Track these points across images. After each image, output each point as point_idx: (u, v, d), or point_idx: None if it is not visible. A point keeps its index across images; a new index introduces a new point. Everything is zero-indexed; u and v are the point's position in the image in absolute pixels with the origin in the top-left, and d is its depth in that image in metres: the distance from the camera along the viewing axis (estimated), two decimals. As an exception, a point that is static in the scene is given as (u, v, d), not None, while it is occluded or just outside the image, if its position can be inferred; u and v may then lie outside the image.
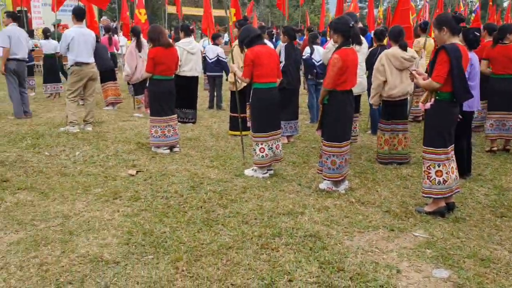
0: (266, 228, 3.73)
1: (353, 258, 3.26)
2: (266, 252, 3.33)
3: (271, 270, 3.08)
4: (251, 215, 4.01)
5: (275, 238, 3.56)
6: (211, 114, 8.98)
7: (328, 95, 4.40)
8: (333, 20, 4.72)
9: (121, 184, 4.74)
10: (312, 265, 3.14)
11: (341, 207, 4.23)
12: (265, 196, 4.50)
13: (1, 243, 3.40)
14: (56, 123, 7.48)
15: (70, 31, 6.96)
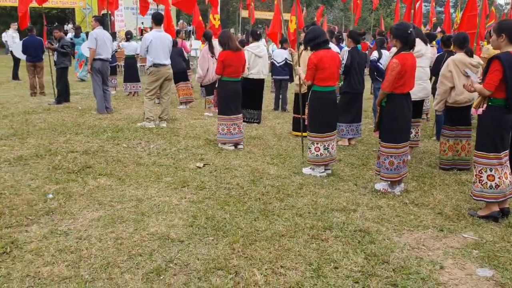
0: (318, 221, 3.97)
1: (399, 253, 3.43)
2: (316, 242, 3.58)
3: (319, 257, 3.32)
4: (305, 209, 4.27)
5: (326, 231, 3.79)
6: (275, 116, 9.30)
7: (386, 98, 4.56)
8: (393, 26, 4.87)
9: (189, 174, 5.18)
10: (358, 256, 3.35)
11: (394, 207, 4.37)
12: (320, 193, 4.73)
13: (85, 219, 3.91)
14: (134, 119, 8.16)
15: (149, 34, 7.58)
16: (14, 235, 3.55)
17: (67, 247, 3.39)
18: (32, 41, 10.94)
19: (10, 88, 12.65)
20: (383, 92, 4.52)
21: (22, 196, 4.35)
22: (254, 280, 3.00)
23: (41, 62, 11.11)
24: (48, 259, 3.20)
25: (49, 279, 2.95)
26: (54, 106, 9.46)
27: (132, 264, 3.17)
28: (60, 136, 6.74)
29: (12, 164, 5.34)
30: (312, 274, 3.09)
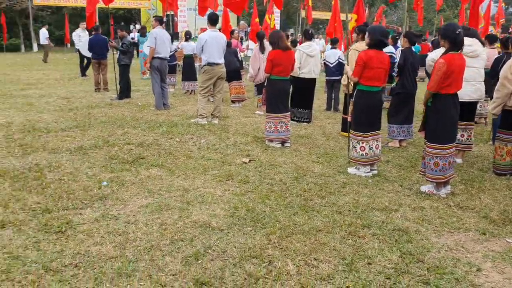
0: (357, 219, 4.00)
1: (435, 253, 3.40)
2: (352, 238, 3.62)
3: (354, 253, 3.37)
4: (346, 207, 4.31)
5: (364, 228, 3.82)
6: (327, 116, 9.31)
7: (431, 98, 4.50)
8: (442, 26, 4.78)
9: (235, 169, 5.35)
10: (393, 254, 3.36)
11: (437, 209, 4.31)
12: (363, 192, 4.74)
13: (134, 205, 4.17)
14: (188, 115, 8.47)
15: (204, 34, 7.84)
16: (69, 216, 3.86)
17: (116, 230, 3.64)
18: (97, 40, 11.58)
19: (77, 84, 13.45)
20: (429, 92, 4.47)
21: (79, 183, 4.69)
22: (287, 269, 3.10)
23: (105, 59, 11.74)
24: (98, 240, 3.46)
25: (97, 257, 3.20)
26: (115, 102, 9.99)
27: (173, 248, 3.36)
28: (118, 129, 7.14)
29: (72, 153, 5.74)
30: (344, 268, 3.15)
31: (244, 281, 2.96)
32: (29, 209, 3.99)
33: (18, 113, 8.32)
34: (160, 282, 2.91)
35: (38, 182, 4.64)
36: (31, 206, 4.04)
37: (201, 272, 3.04)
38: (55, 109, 8.85)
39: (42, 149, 5.85)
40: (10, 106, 9.04)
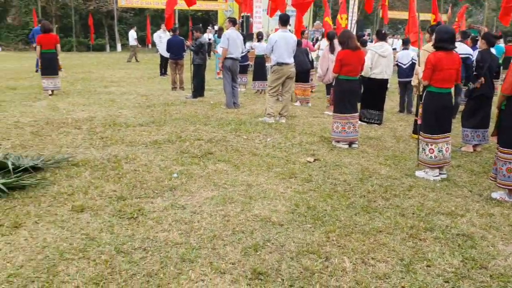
0: (420, 222, 3.93)
1: (501, 260, 3.28)
2: (413, 241, 3.57)
3: (413, 255, 3.33)
4: (410, 209, 4.24)
5: (426, 232, 3.75)
6: (399, 118, 9.10)
7: (506, 101, 4.31)
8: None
9: (299, 167, 5.42)
10: (455, 258, 3.28)
11: (508, 216, 4.12)
12: (430, 196, 4.63)
13: (200, 197, 4.38)
14: (257, 114, 8.66)
15: (274, 35, 7.98)
16: (141, 204, 4.14)
17: (182, 218, 3.86)
18: (175, 41, 12.12)
19: (156, 82, 14.15)
20: (503, 94, 4.28)
21: (152, 174, 5.00)
22: (343, 266, 3.14)
23: (182, 59, 12.25)
24: (165, 227, 3.70)
25: (164, 243, 3.42)
26: (190, 100, 10.42)
27: (234, 239, 3.51)
28: (190, 126, 7.46)
29: (147, 146, 6.11)
30: (402, 268, 3.13)
31: (300, 274, 3.04)
32: (106, 196, 4.33)
33: (101, 108, 8.95)
34: (220, 269, 3.07)
35: (115, 172, 5.01)
36: (107, 193, 4.38)
37: (259, 263, 3.16)
38: (134, 105, 9.41)
39: (121, 142, 6.28)
40: (94, 102, 9.73)
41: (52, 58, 10.21)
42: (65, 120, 7.56)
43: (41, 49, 10.10)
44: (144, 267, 3.07)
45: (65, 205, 4.06)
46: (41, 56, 10.20)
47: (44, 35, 10.14)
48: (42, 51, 10.10)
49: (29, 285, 2.82)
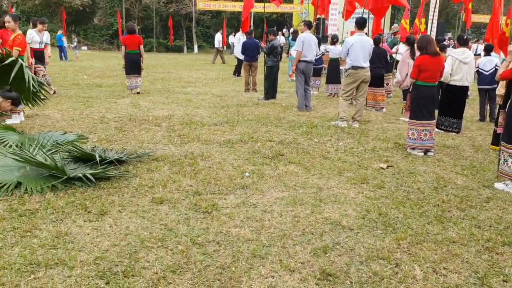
0: (498, 235, 3.78)
1: None
2: (489, 254, 3.45)
3: (488, 268, 3.22)
4: (487, 222, 4.08)
5: (504, 246, 3.60)
6: (479, 127, 8.70)
7: None
8: None
9: (371, 173, 5.38)
10: (535, 276, 3.13)
11: None
12: (509, 209, 4.42)
13: (271, 196, 4.49)
14: (329, 117, 8.65)
15: (351, 38, 7.94)
16: (215, 200, 4.32)
17: (253, 216, 3.99)
18: (250, 43, 12.38)
19: (229, 83, 14.52)
20: None
21: (226, 172, 5.18)
22: (413, 274, 3.10)
23: (256, 62, 12.48)
24: (238, 223, 3.84)
25: (236, 238, 3.56)
26: (262, 102, 10.61)
27: (304, 239, 3.58)
28: (262, 127, 7.62)
29: (221, 145, 6.32)
30: (475, 281, 3.04)
31: (369, 278, 3.05)
32: (183, 190, 4.56)
33: (179, 107, 9.35)
34: (289, 267, 3.15)
35: (192, 168, 5.25)
36: (184, 188, 4.61)
37: (328, 264, 3.20)
38: (209, 105, 9.74)
39: (197, 140, 6.56)
40: (172, 101, 10.19)
41: (136, 58, 10.80)
42: (146, 117, 8.00)
43: (125, 50, 10.71)
44: (217, 260, 3.22)
45: (146, 196, 4.33)
46: (126, 57, 10.82)
47: (128, 36, 10.75)
48: (127, 52, 10.71)
49: (113, 268, 3.06)
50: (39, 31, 9.96)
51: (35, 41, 9.84)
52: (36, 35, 9.88)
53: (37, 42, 9.91)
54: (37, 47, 9.91)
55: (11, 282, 2.83)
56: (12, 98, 6.57)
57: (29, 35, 9.73)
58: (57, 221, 3.73)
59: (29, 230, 3.53)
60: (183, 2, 33.90)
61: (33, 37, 9.80)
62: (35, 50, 9.72)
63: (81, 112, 8.31)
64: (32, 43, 9.67)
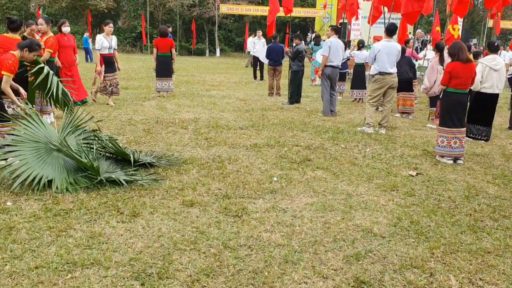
0: (535, 247, 3.70)
1: None
2: (527, 266, 3.38)
3: (526, 281, 3.15)
4: (523, 233, 4.00)
5: (543, 258, 3.52)
6: (508, 135, 8.53)
7: None
8: None
9: (400, 180, 5.32)
10: None
11: None
12: (545, 220, 4.33)
13: (300, 202, 4.48)
14: (355, 123, 8.59)
15: (378, 44, 7.88)
16: (245, 204, 4.33)
17: (284, 221, 3.98)
18: (275, 47, 12.38)
19: (253, 87, 14.55)
20: None
21: (253, 175, 5.19)
22: (448, 284, 3.06)
23: (280, 66, 12.48)
24: (268, 228, 3.84)
25: (267, 243, 3.56)
26: (286, 106, 10.60)
27: (335, 246, 3.56)
28: (288, 131, 7.61)
29: (248, 149, 6.34)
30: (514, 294, 2.98)
31: (403, 287, 3.01)
32: (212, 193, 4.58)
33: (204, 110, 9.41)
34: (322, 274, 3.13)
35: (220, 171, 5.28)
36: (213, 191, 4.63)
37: (361, 272, 3.17)
38: (234, 109, 9.78)
39: (223, 143, 6.58)
40: (197, 104, 10.26)
41: (167, 61, 10.84)
42: (172, 120, 8.07)
43: (157, 52, 10.79)
44: (250, 264, 3.23)
45: (176, 199, 4.37)
46: (157, 59, 10.85)
47: (160, 39, 10.82)
48: (158, 54, 10.77)
49: (147, 269, 3.09)
50: (106, 34, 9.28)
51: (104, 47, 9.22)
52: (105, 40, 9.20)
53: (106, 48, 9.25)
54: (106, 53, 9.30)
55: (49, 280, 2.88)
56: (26, 46, 6.42)
57: (98, 40, 9.22)
58: (91, 221, 3.79)
59: (64, 229, 3.59)
60: (206, 6, 34.16)
61: (102, 43, 9.18)
62: (104, 56, 9.27)
63: (109, 114, 8.43)
64: (101, 49, 9.20)
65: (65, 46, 8.57)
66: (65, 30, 8.73)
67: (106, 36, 9.23)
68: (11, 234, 3.48)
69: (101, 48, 9.17)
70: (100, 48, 9.16)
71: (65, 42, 8.58)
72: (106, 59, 9.28)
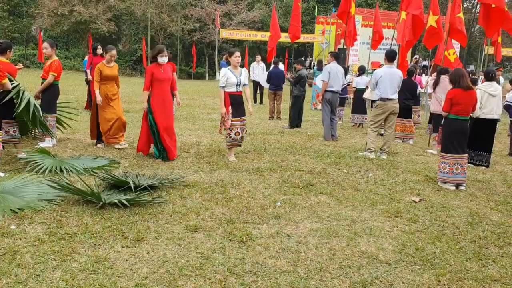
0: (541, 275, 3.69)
1: None
2: (534, 295, 3.36)
3: (535, 310, 3.13)
4: (528, 260, 3.99)
5: (549, 287, 3.50)
6: (509, 161, 8.57)
7: None
8: None
9: (404, 206, 5.31)
10: None
11: None
12: (550, 248, 4.32)
13: (305, 228, 4.46)
14: (356, 148, 8.62)
15: (380, 70, 7.98)
16: (249, 229, 4.31)
17: (289, 247, 3.96)
18: (276, 72, 12.52)
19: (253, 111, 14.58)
20: None
21: (257, 200, 5.18)
22: (457, 313, 3.03)
23: (281, 90, 12.59)
24: (273, 254, 3.82)
25: (273, 269, 3.54)
26: (287, 130, 10.65)
27: (342, 273, 3.54)
28: (290, 156, 7.63)
29: (251, 173, 6.34)
30: (523, 323, 2.96)
31: (412, 316, 2.99)
32: (216, 218, 4.56)
33: (206, 134, 9.44)
34: (329, 301, 3.11)
35: (223, 195, 5.27)
36: (217, 216, 4.62)
37: (369, 300, 3.15)
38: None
39: (226, 167, 6.58)
40: (199, 127, 10.30)
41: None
42: (174, 143, 8.08)
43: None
44: (256, 291, 3.20)
45: (180, 223, 4.35)
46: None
47: (163, 62, 10.90)
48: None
49: (153, 295, 3.06)
50: (233, 67, 6.88)
51: (231, 83, 6.80)
52: (231, 75, 6.80)
53: (234, 85, 6.83)
54: (233, 91, 6.85)
55: (55, 306, 2.85)
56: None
57: (222, 76, 6.89)
58: (96, 245, 3.76)
59: (69, 254, 3.57)
60: (206, 31, 34.58)
61: (227, 78, 6.79)
62: (231, 95, 6.83)
63: (110, 137, 8.44)
64: (226, 86, 6.82)
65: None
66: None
67: (234, 70, 6.90)
68: (16, 258, 3.45)
69: (226, 85, 6.82)
70: (225, 85, 6.81)
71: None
72: (234, 98, 6.89)
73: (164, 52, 6.80)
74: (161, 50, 6.79)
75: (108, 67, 7.47)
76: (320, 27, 30.86)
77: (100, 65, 7.41)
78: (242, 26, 34.36)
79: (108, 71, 7.45)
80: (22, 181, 5.08)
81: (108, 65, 7.49)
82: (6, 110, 5.97)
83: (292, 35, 11.38)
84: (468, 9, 38.21)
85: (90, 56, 10.75)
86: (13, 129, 6.30)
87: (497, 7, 8.89)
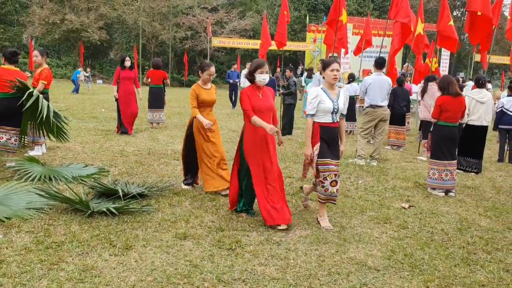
0: (528, 280, 3.71)
1: None
2: (521, 300, 3.38)
3: (522, 315, 3.15)
4: (516, 266, 4.01)
5: (536, 292, 3.53)
6: (498, 167, 8.64)
7: None
8: None
9: (393, 213, 5.33)
10: None
11: None
12: (538, 253, 4.35)
13: (294, 234, 4.46)
14: (346, 155, 8.63)
15: (369, 78, 8.06)
16: (238, 237, 4.30)
17: (278, 254, 3.95)
18: (271, 81, 12.55)
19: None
20: None
21: (247, 208, 5.17)
22: (445, 319, 3.04)
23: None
24: (262, 261, 3.81)
25: (262, 277, 3.53)
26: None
27: (330, 280, 3.54)
28: (280, 163, 7.58)
29: (241, 181, 6.32)
30: (510, 328, 2.97)
31: (400, 322, 2.99)
32: (205, 225, 4.55)
33: (196, 141, 9.42)
34: (317, 308, 3.10)
35: (213, 203, 5.26)
36: (207, 224, 4.60)
37: (357, 306, 3.15)
38: (226, 140, 9.79)
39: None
40: (189, 135, 10.27)
41: (159, 92, 11.04)
42: (165, 151, 8.07)
43: (150, 84, 10.96)
44: (244, 299, 3.19)
45: (169, 231, 4.33)
46: (149, 90, 11.05)
47: (153, 70, 11.04)
48: (151, 86, 10.97)
49: (140, 304, 3.04)
50: (329, 85, 4.76)
51: (324, 110, 4.65)
52: (325, 98, 4.64)
53: (328, 112, 4.65)
54: (327, 122, 4.67)
55: (40, 316, 2.82)
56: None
57: (313, 98, 4.66)
58: (83, 254, 3.73)
59: (56, 262, 3.54)
60: (198, 39, 34.66)
61: (319, 102, 4.62)
62: (323, 127, 4.68)
63: (101, 145, 8.41)
64: (317, 114, 4.69)
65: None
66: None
67: (329, 90, 4.74)
68: (1, 267, 3.41)
69: (317, 112, 4.68)
70: (314, 113, 4.69)
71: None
72: (326, 132, 4.71)
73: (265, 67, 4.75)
74: (261, 65, 4.75)
75: (205, 89, 5.64)
76: (311, 35, 31.03)
77: (195, 87, 5.58)
78: (234, 34, 34.46)
79: (206, 95, 5.61)
80: (10, 190, 5.04)
81: (205, 86, 5.66)
82: (16, 118, 6.15)
83: (278, 42, 11.46)
84: (458, 17, 38.65)
85: (118, 70, 9.93)
86: (14, 137, 6.29)
87: (483, 14, 9.00)
